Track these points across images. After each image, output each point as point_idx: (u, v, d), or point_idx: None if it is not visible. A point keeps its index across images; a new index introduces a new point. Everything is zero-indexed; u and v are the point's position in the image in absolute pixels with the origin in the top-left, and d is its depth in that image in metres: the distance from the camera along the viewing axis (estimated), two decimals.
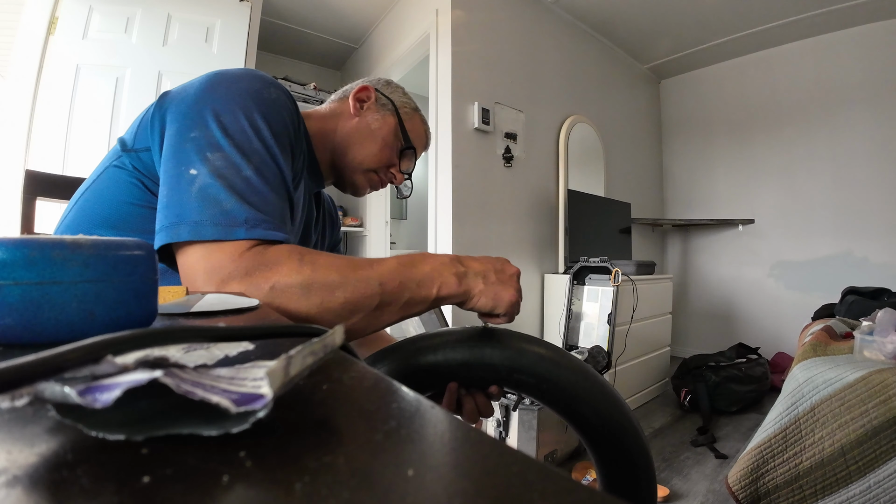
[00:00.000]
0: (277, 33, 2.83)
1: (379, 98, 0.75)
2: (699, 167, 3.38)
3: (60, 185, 0.89)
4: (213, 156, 0.47)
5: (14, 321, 0.21)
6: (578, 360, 0.55)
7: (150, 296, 0.25)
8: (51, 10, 1.72)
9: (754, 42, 2.92)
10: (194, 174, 0.46)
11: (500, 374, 0.52)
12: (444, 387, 0.55)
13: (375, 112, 0.74)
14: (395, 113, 0.75)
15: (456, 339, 0.53)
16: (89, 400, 0.12)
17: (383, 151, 0.74)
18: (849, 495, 1.02)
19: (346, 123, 0.74)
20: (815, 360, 1.21)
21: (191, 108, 0.50)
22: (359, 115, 0.74)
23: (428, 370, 0.52)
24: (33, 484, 0.10)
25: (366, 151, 0.74)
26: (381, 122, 0.74)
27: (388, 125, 0.74)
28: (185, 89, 0.54)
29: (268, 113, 0.52)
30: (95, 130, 1.79)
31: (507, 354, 0.52)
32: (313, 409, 0.16)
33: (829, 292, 2.51)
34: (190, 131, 0.49)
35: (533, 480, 0.11)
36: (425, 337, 0.55)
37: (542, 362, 0.52)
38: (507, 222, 2.24)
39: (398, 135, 0.75)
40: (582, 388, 0.53)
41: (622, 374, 2.09)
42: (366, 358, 0.55)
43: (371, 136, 0.73)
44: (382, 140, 0.74)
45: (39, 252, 0.21)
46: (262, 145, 0.50)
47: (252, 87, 0.53)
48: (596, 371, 0.57)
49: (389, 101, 0.76)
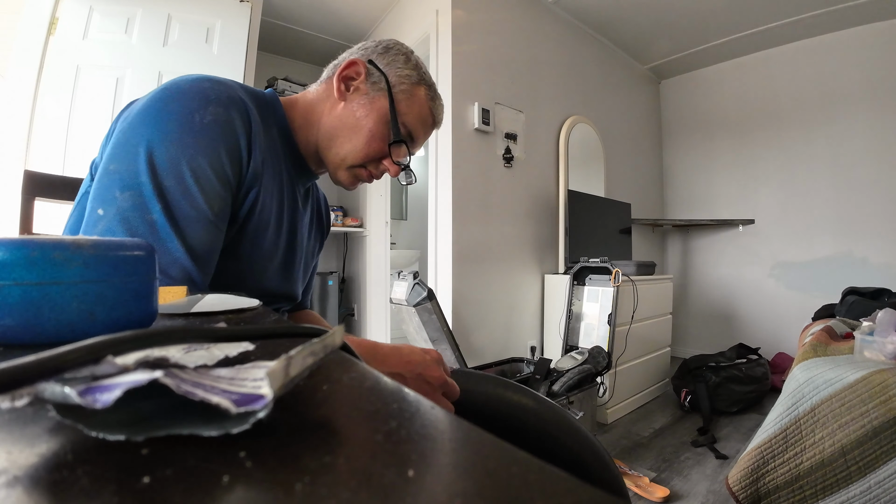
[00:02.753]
0: (278, 34, 2.83)
1: (371, 74, 0.63)
2: (699, 167, 3.38)
3: (59, 185, 0.89)
4: (122, 195, 0.46)
5: (14, 321, 0.21)
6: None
7: (150, 296, 0.25)
8: (51, 11, 1.72)
9: (754, 42, 2.92)
10: (101, 214, 0.46)
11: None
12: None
13: (363, 95, 0.63)
14: (388, 93, 0.63)
15: None
16: (89, 400, 0.12)
17: (370, 144, 0.63)
18: (849, 495, 1.02)
19: (331, 111, 0.64)
20: (816, 361, 1.21)
21: (124, 133, 0.49)
22: (344, 100, 0.63)
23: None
24: (33, 484, 0.10)
25: (349, 146, 0.63)
26: (367, 108, 0.62)
27: (376, 111, 0.62)
28: (133, 108, 0.52)
29: (199, 138, 0.49)
30: (96, 131, 1.79)
31: None
32: (313, 409, 0.16)
33: (830, 293, 2.50)
34: (111, 162, 0.48)
35: (533, 480, 0.11)
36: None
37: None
38: (508, 223, 2.24)
39: (388, 122, 0.63)
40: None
41: (622, 374, 2.09)
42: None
43: (356, 127, 0.62)
44: (369, 131, 0.62)
45: (40, 252, 0.21)
46: (181, 179, 0.47)
47: (185, 111, 0.49)
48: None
49: (383, 77, 0.63)
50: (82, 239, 0.22)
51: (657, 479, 1.51)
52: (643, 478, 1.48)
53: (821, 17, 2.57)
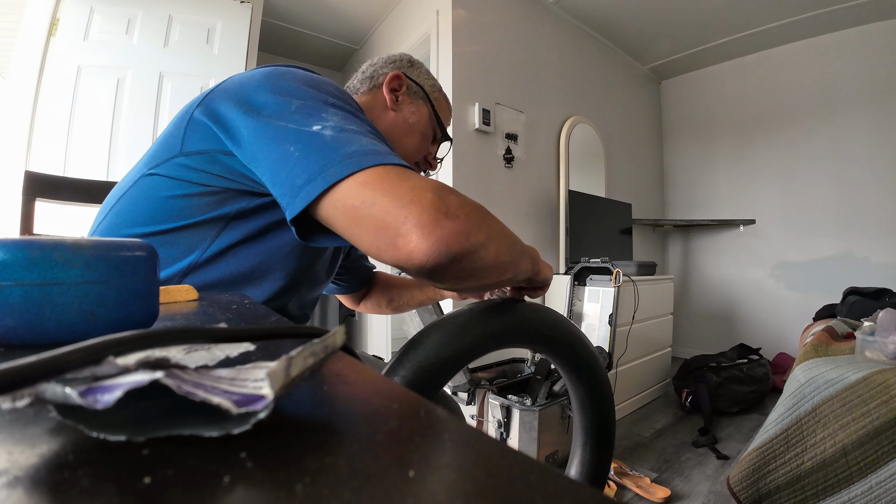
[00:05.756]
0: (278, 34, 2.83)
1: (410, 85, 0.73)
2: (700, 167, 3.38)
3: (60, 186, 0.89)
4: (326, 114, 0.45)
5: (15, 322, 0.21)
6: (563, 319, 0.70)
7: (151, 297, 0.25)
8: (52, 12, 1.72)
9: (754, 42, 2.92)
10: (318, 129, 0.43)
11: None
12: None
13: (410, 103, 0.72)
14: (427, 99, 0.73)
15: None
16: (90, 401, 0.12)
17: (422, 145, 0.73)
18: (850, 496, 1.02)
19: (384, 118, 0.71)
20: (817, 361, 1.20)
21: (272, 88, 0.48)
22: (395, 109, 0.71)
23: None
24: (34, 485, 0.10)
25: (406, 148, 0.72)
26: (416, 114, 0.72)
27: (423, 116, 0.72)
28: (242, 83, 0.51)
29: (337, 90, 0.52)
30: (97, 131, 1.79)
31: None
32: (314, 409, 0.16)
33: (831, 293, 2.50)
34: (287, 105, 0.46)
35: (534, 481, 0.11)
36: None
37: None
38: (508, 223, 2.19)
39: (433, 124, 0.74)
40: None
41: (623, 374, 2.08)
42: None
43: (410, 130, 0.71)
44: (421, 134, 0.72)
45: (41, 253, 0.21)
46: (352, 109, 0.49)
47: (313, 76, 0.54)
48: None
49: (420, 88, 0.73)
50: (83, 239, 0.22)
51: (658, 480, 1.51)
52: (644, 478, 1.48)
53: (821, 17, 2.57)
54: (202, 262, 0.53)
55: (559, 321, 0.68)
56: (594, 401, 0.72)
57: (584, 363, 0.70)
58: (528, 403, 1.57)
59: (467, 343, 0.55)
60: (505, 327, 0.59)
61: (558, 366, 0.71)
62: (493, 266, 0.43)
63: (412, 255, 0.37)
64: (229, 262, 0.54)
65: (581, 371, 0.71)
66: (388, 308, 1.01)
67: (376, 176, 0.40)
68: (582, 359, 0.70)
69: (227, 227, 0.54)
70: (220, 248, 0.54)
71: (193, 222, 0.52)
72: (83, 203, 0.90)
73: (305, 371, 0.15)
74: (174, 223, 0.52)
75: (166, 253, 0.52)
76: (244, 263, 0.55)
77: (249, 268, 0.56)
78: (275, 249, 0.57)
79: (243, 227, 0.54)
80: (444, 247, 0.37)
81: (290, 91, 0.48)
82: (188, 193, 0.52)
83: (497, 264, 0.43)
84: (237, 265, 0.55)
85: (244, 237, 0.55)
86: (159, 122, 1.88)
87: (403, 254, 0.38)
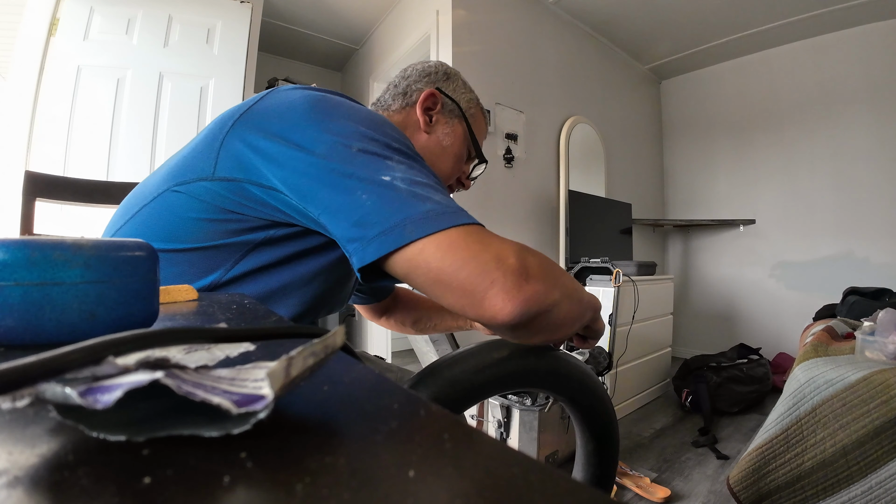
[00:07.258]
0: (278, 34, 2.83)
1: (445, 103, 0.69)
2: (700, 167, 3.38)
3: (60, 185, 0.89)
4: (392, 162, 0.44)
5: (15, 322, 0.21)
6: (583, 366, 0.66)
7: (151, 297, 0.25)
8: (52, 12, 1.73)
9: (754, 42, 2.92)
10: (389, 179, 0.43)
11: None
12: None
13: (445, 123, 0.69)
14: (463, 117, 0.69)
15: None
16: (90, 401, 0.12)
17: (456, 166, 0.70)
18: (850, 496, 1.02)
19: (416, 140, 0.68)
20: (817, 361, 1.20)
21: (322, 122, 0.47)
22: (429, 132, 0.68)
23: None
24: (34, 485, 0.10)
25: (439, 171, 0.68)
26: (451, 135, 0.69)
27: (458, 136, 0.69)
28: (283, 112, 0.49)
29: (395, 132, 0.50)
30: (97, 131, 1.79)
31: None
32: (314, 409, 0.16)
33: (831, 293, 2.50)
34: (345, 144, 0.45)
35: (534, 481, 0.11)
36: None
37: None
38: (508, 223, 2.23)
39: (468, 144, 0.70)
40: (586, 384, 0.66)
41: (623, 374, 2.08)
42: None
43: (443, 153, 0.68)
44: (455, 156, 0.69)
45: (41, 253, 0.21)
46: (414, 155, 0.49)
47: (364, 110, 0.51)
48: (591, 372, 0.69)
49: (456, 106, 0.69)
50: (83, 240, 0.22)
51: (658, 480, 1.51)
52: (644, 478, 1.48)
53: (821, 17, 2.57)
54: (222, 283, 0.53)
55: (586, 377, 0.66)
56: (600, 457, 0.73)
57: (601, 425, 0.70)
58: (528, 403, 1.57)
59: (497, 374, 0.54)
60: (537, 370, 0.59)
61: (573, 416, 0.70)
62: (564, 321, 0.46)
63: (497, 315, 0.41)
64: (249, 284, 0.54)
65: (595, 429, 0.70)
66: (413, 328, 0.98)
67: (458, 238, 0.41)
68: (600, 420, 0.69)
69: (251, 251, 0.53)
70: (242, 271, 0.53)
71: (217, 244, 0.52)
72: (83, 203, 0.90)
73: (305, 371, 0.14)
74: (198, 244, 0.52)
75: (185, 270, 0.52)
76: (264, 287, 0.55)
77: (268, 291, 0.55)
78: (297, 276, 0.56)
79: (268, 253, 0.54)
80: (525, 307, 0.41)
81: (345, 130, 0.47)
82: (215, 218, 0.51)
83: (568, 319, 0.47)
84: (257, 288, 0.54)
85: (267, 263, 0.54)
86: (159, 122, 1.88)
87: (489, 314, 0.41)
